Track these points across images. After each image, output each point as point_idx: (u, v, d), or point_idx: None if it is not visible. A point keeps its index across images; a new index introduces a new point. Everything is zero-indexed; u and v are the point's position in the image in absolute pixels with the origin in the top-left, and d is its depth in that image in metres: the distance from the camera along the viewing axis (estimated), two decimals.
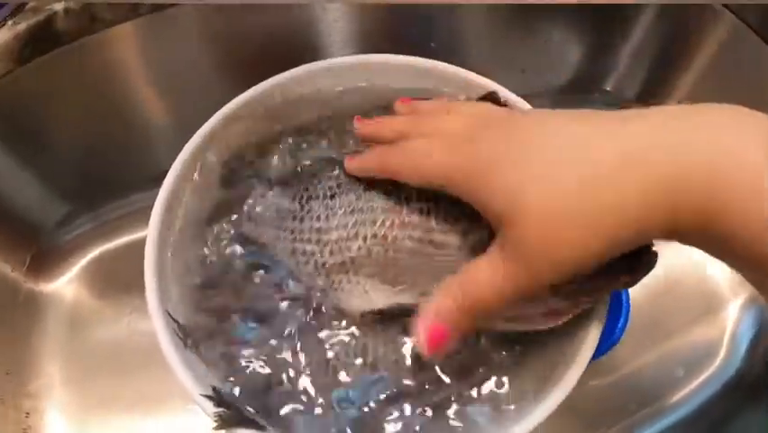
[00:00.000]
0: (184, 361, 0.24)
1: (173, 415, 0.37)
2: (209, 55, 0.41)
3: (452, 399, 0.24)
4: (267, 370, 0.25)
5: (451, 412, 0.24)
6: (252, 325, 0.26)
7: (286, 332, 0.26)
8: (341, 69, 0.32)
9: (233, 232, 0.28)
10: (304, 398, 0.24)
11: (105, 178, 0.44)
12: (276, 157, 0.31)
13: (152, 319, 0.25)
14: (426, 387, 0.24)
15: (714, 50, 0.41)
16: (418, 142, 0.24)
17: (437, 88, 0.31)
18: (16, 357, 0.39)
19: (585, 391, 0.23)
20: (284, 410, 0.24)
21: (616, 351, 0.35)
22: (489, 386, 0.24)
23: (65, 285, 0.42)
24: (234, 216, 0.29)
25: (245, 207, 0.29)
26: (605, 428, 0.37)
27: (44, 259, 0.43)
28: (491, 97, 0.29)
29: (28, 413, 0.38)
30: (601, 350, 0.27)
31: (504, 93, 0.29)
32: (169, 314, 0.25)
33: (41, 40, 0.35)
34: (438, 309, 0.21)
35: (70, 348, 0.40)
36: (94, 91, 0.39)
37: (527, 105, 0.29)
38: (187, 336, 0.25)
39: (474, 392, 0.24)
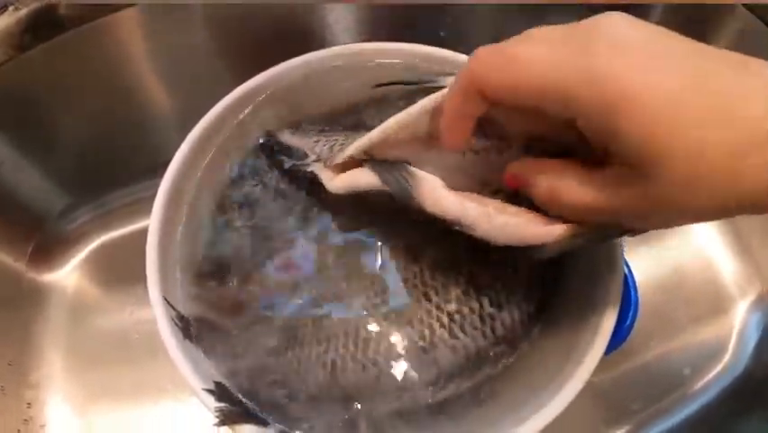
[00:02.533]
0: (186, 354, 0.24)
1: (176, 404, 0.37)
2: (215, 41, 0.40)
3: (458, 399, 0.24)
4: (273, 363, 0.25)
5: (456, 411, 0.24)
6: (260, 315, 0.26)
7: (295, 324, 0.25)
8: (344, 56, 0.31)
9: (241, 221, 0.28)
10: (308, 393, 0.24)
11: (108, 167, 0.43)
12: (285, 144, 0.30)
13: (154, 311, 0.24)
14: (433, 385, 0.24)
15: (728, 48, 0.40)
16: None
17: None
18: (18, 348, 0.39)
19: (589, 388, 0.23)
20: (287, 405, 0.24)
21: (622, 349, 0.34)
22: (495, 384, 0.24)
23: (67, 275, 0.42)
24: (242, 206, 0.28)
25: (254, 197, 0.28)
26: (610, 427, 0.36)
27: (47, 249, 0.42)
28: None
29: (30, 403, 0.38)
30: (609, 347, 0.27)
31: None
32: (170, 305, 0.25)
33: (43, 25, 0.34)
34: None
35: (73, 338, 0.40)
36: (96, 78, 0.38)
37: None
38: (189, 327, 0.25)
39: (480, 391, 0.24)
